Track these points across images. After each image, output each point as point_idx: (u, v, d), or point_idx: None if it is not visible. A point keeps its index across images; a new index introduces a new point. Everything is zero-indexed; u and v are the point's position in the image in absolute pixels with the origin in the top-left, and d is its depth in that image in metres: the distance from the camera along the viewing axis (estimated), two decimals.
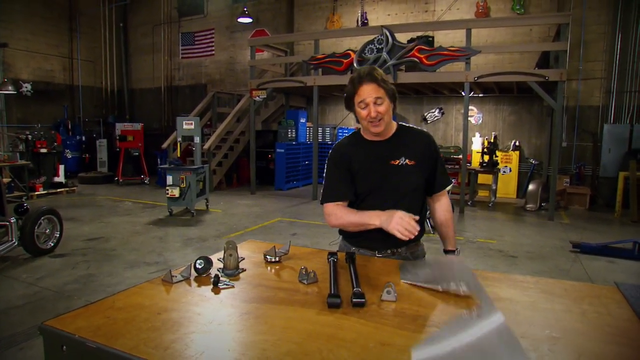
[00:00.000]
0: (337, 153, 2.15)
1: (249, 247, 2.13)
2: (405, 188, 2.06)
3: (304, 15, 13.21)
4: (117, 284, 4.59)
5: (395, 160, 2.05)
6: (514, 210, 9.27)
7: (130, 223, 7.54)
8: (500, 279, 1.71)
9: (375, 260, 1.95)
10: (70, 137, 13.62)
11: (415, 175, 2.06)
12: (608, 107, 9.92)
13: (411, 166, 2.05)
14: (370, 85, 1.93)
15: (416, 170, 2.06)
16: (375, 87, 1.93)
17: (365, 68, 2.01)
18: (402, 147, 2.07)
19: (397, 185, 2.05)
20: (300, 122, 12.19)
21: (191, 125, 8.43)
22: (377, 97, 1.93)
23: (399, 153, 2.05)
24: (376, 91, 1.93)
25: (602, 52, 9.92)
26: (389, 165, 2.05)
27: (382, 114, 1.95)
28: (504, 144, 10.94)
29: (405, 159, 2.05)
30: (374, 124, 1.97)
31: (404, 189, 2.05)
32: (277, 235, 6.76)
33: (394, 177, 2.05)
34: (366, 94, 1.93)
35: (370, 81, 1.94)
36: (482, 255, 5.86)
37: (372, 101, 1.93)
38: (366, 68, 2.00)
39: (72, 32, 14.57)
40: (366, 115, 1.95)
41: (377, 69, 1.99)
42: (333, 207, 2.07)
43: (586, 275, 5.04)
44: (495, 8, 10.90)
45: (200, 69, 14.98)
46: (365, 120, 1.97)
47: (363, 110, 1.96)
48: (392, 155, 2.05)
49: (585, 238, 6.64)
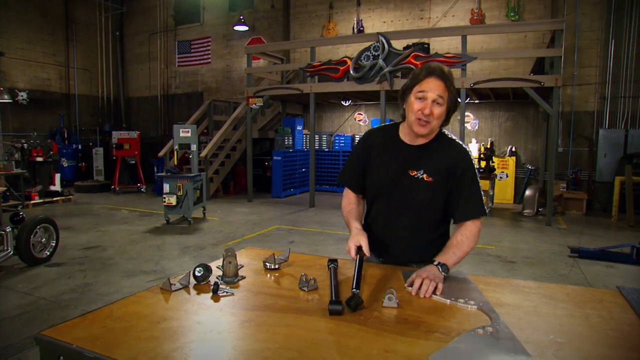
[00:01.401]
0: (365, 140, 2.07)
1: (248, 255, 2.11)
2: (413, 204, 1.92)
3: (300, 23, 13.26)
4: (114, 293, 4.55)
5: (414, 171, 1.89)
6: (511, 216, 9.28)
7: (127, 231, 7.50)
8: (501, 285, 1.70)
9: (376, 266, 1.93)
10: (66, 145, 13.59)
11: (429, 194, 1.88)
12: (603, 112, 9.98)
13: (428, 183, 1.87)
14: (439, 81, 1.79)
15: (432, 188, 1.87)
16: (443, 87, 1.79)
17: (435, 64, 1.86)
18: (426, 159, 1.89)
19: (406, 199, 1.92)
20: (297, 130, 12.20)
21: (188, 133, 8.42)
22: (440, 96, 1.78)
23: (421, 164, 1.89)
24: (442, 90, 1.79)
25: (597, 57, 10.00)
26: (406, 174, 1.90)
27: (435, 117, 1.80)
28: (501, 150, 10.97)
29: (424, 172, 1.87)
30: (421, 123, 1.80)
31: (411, 205, 1.92)
32: (274, 243, 6.73)
33: (405, 188, 1.91)
34: (431, 87, 1.78)
35: (440, 78, 1.79)
36: (480, 261, 5.85)
37: (433, 98, 1.78)
38: (436, 64, 1.85)
39: (68, 41, 14.60)
40: (419, 109, 1.79)
41: (449, 70, 1.84)
42: (347, 192, 2.12)
43: (585, 280, 5.04)
44: (490, 15, 10.97)
45: (197, 77, 15.00)
46: (416, 114, 1.80)
47: (419, 102, 1.80)
48: (414, 164, 1.89)
49: (583, 243, 6.65)
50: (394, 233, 1.98)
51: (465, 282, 1.67)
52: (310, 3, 13.02)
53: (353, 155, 2.11)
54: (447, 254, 1.81)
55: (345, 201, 2.09)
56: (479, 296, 1.54)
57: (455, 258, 1.80)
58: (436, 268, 1.71)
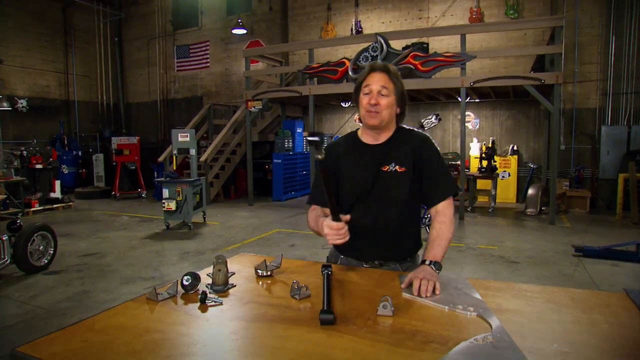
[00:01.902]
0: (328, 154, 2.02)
1: (240, 261, 2.04)
2: (392, 197, 1.91)
3: (299, 26, 13.22)
4: (112, 301, 4.48)
5: (386, 166, 1.91)
6: (514, 215, 9.19)
7: (126, 238, 7.44)
8: (502, 289, 1.62)
9: (372, 271, 1.86)
10: (66, 152, 13.56)
11: (405, 184, 1.90)
12: (605, 109, 9.89)
13: (401, 173, 1.90)
14: (380, 74, 1.89)
15: (407, 178, 1.90)
16: (385, 78, 1.88)
17: (378, 62, 1.96)
18: (394, 152, 1.93)
19: (384, 194, 1.91)
20: (296, 132, 12.14)
21: (186, 138, 8.36)
22: (384, 87, 1.87)
23: (390, 158, 1.91)
24: (385, 81, 1.88)
25: (597, 54, 9.91)
26: (380, 171, 1.91)
27: (382, 106, 1.86)
28: (502, 149, 10.88)
29: (396, 164, 1.90)
30: (370, 114, 1.87)
31: (391, 199, 1.91)
32: (275, 247, 6.66)
33: (382, 185, 1.91)
34: (374, 80, 1.88)
35: (382, 71, 1.90)
36: (483, 261, 5.77)
37: (377, 89, 1.86)
38: (379, 62, 1.96)
39: (67, 48, 14.58)
40: (366, 102, 1.87)
41: (393, 66, 1.95)
42: (310, 209, 2.06)
43: (590, 279, 4.95)
44: (489, 13, 10.90)
45: (196, 82, 14.96)
46: (365, 107, 1.88)
47: (366, 96, 1.89)
48: (384, 160, 1.92)
49: (587, 241, 6.55)
50: (379, 233, 1.94)
51: (464, 287, 1.60)
52: (308, 5, 12.98)
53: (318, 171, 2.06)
54: (433, 248, 1.79)
55: (312, 215, 2.02)
56: (479, 302, 1.46)
57: (441, 250, 1.80)
58: (429, 267, 1.70)
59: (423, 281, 1.55)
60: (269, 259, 1.89)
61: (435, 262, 1.72)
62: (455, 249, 6.31)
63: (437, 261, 1.73)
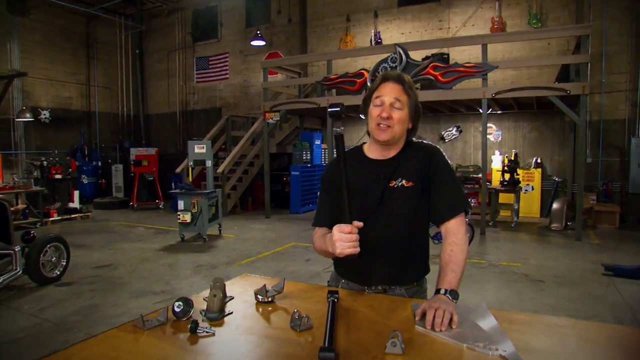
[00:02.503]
0: (329, 172, 1.92)
1: (242, 283, 1.89)
2: (398, 214, 1.74)
3: (318, 37, 13.17)
4: (121, 315, 4.38)
5: (393, 181, 1.75)
6: (538, 231, 8.85)
7: (140, 250, 7.38)
8: (530, 322, 1.43)
9: (382, 298, 1.68)
10: (86, 162, 13.69)
11: (412, 199, 1.74)
12: (635, 120, 9.52)
13: (408, 188, 1.74)
14: (394, 85, 1.74)
15: (414, 193, 1.74)
16: (399, 89, 1.74)
17: (393, 71, 1.81)
18: (401, 166, 1.77)
19: (390, 211, 1.75)
20: (315, 144, 12.01)
21: (203, 149, 8.32)
22: (397, 99, 1.72)
23: (398, 173, 1.76)
24: (399, 93, 1.73)
25: (626, 63, 9.58)
26: (388, 187, 1.76)
27: (394, 121, 1.71)
28: (525, 162, 10.56)
29: (402, 179, 1.75)
30: (381, 128, 1.71)
31: (397, 216, 1.74)
32: (290, 262, 6.50)
33: (390, 202, 1.75)
34: (386, 91, 1.73)
35: (396, 81, 1.75)
36: (506, 280, 5.51)
37: (390, 102, 1.72)
38: (394, 71, 1.80)
39: (89, 60, 14.86)
40: (377, 115, 1.72)
41: (408, 77, 1.79)
42: (315, 232, 1.89)
43: (624, 302, 4.65)
44: (512, 23, 10.67)
45: (215, 93, 15.03)
46: (375, 120, 1.73)
47: (377, 108, 1.74)
48: (392, 175, 1.76)
49: (617, 259, 6.22)
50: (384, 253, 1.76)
51: (484, 320, 1.41)
52: (328, 16, 12.93)
53: (322, 192, 1.96)
54: (447, 275, 1.62)
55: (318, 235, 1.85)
56: (502, 338, 1.28)
57: (457, 276, 1.62)
58: (445, 297, 1.52)
59: (438, 312, 1.37)
60: (271, 282, 1.74)
61: (452, 290, 1.54)
62: (476, 265, 6.06)
63: (453, 289, 1.55)
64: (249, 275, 2.01)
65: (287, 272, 5.92)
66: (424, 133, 11.70)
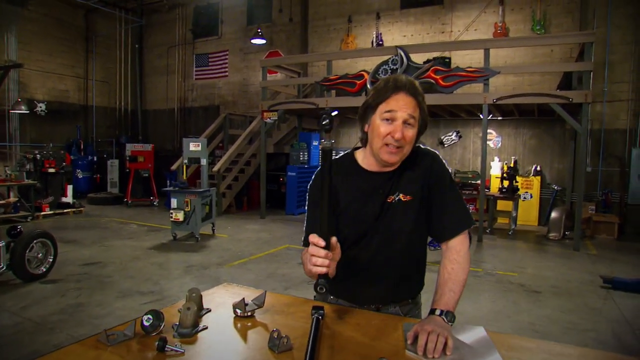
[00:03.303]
0: (318, 185, 1.63)
1: (221, 294, 1.77)
2: (395, 231, 1.58)
3: (319, 37, 13.05)
4: (106, 316, 4.26)
5: (391, 196, 1.58)
6: (535, 239, 8.74)
7: (131, 247, 7.25)
8: (531, 350, 1.30)
9: (371, 316, 1.55)
10: (82, 157, 13.54)
11: (411, 214, 1.57)
12: (636, 130, 9.41)
13: (406, 203, 1.57)
14: (408, 98, 1.48)
15: (413, 207, 1.57)
16: (414, 104, 1.48)
17: (403, 76, 1.52)
18: (399, 179, 1.59)
19: (387, 228, 1.58)
20: (312, 145, 11.89)
21: (198, 147, 8.18)
22: (412, 116, 1.47)
23: (395, 186, 1.58)
24: (413, 109, 1.48)
25: (629, 72, 9.46)
26: (386, 203, 1.58)
27: (407, 141, 1.48)
28: (525, 169, 10.44)
29: (400, 193, 1.57)
30: (391, 150, 1.48)
31: (394, 233, 1.58)
32: (282, 265, 6.38)
33: (388, 219, 1.58)
34: (401, 105, 1.47)
35: (411, 93, 1.48)
36: (502, 290, 5.39)
37: (404, 118, 1.47)
38: (404, 76, 1.52)
39: (87, 53, 14.72)
40: (387, 134, 1.47)
41: (418, 83, 1.54)
42: (304, 253, 1.58)
43: (622, 316, 4.53)
44: (515, 29, 10.56)
45: (214, 91, 14.89)
46: (384, 139, 1.48)
47: (386, 124, 1.48)
48: (390, 189, 1.58)
49: (616, 271, 6.11)
50: (378, 272, 1.62)
51: (482, 346, 1.29)
52: (329, 16, 12.82)
53: (311, 207, 1.71)
54: (445, 294, 1.46)
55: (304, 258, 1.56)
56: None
57: (455, 297, 1.47)
58: (440, 319, 1.38)
59: (431, 337, 1.23)
60: (254, 293, 1.62)
61: (448, 312, 1.40)
62: (473, 274, 5.93)
63: (450, 311, 1.40)
64: (230, 284, 1.89)
65: (279, 275, 5.80)
66: (423, 137, 11.45)
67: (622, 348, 3.82)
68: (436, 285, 1.52)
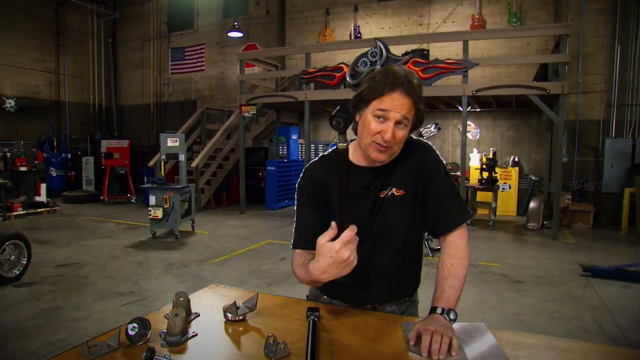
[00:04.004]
0: (308, 181, 1.57)
1: (209, 296, 1.69)
2: (390, 228, 1.53)
3: (296, 30, 12.92)
4: (84, 319, 4.12)
5: (383, 191, 1.52)
6: (515, 229, 8.86)
7: (109, 246, 7.06)
8: (536, 347, 1.26)
9: (369, 316, 1.50)
10: (55, 154, 13.16)
11: (405, 209, 1.52)
12: (609, 121, 9.60)
13: (400, 197, 1.51)
14: (404, 99, 1.38)
15: (407, 202, 1.52)
16: (409, 105, 1.40)
17: (401, 70, 1.42)
18: (391, 173, 1.53)
19: (381, 226, 1.52)
20: (291, 139, 11.79)
21: (176, 143, 8.00)
22: (405, 117, 1.40)
23: (387, 181, 1.52)
24: (408, 109, 1.40)
25: (602, 65, 9.63)
26: (378, 198, 1.52)
27: (396, 142, 1.42)
28: (503, 160, 10.57)
29: (392, 188, 1.51)
30: (379, 148, 1.42)
31: (388, 229, 1.53)
32: (264, 260, 6.29)
33: (382, 215, 1.52)
34: (395, 105, 1.38)
35: (408, 93, 1.39)
36: (485, 281, 5.42)
37: (396, 119, 1.39)
38: (403, 70, 1.42)
39: (58, 47, 14.23)
40: (377, 132, 1.40)
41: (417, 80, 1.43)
42: (296, 255, 1.51)
43: (602, 303, 4.60)
44: (491, 21, 10.63)
45: (190, 85, 14.63)
46: (372, 137, 1.41)
47: (377, 121, 1.40)
48: (382, 184, 1.53)
49: (594, 259, 6.24)
50: (374, 271, 1.56)
51: (486, 344, 1.25)
52: (307, 9, 12.69)
53: (302, 206, 1.58)
54: (445, 291, 1.41)
55: (299, 261, 1.45)
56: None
57: (456, 293, 1.42)
58: (442, 317, 1.32)
59: (435, 337, 1.18)
60: (245, 296, 1.55)
61: (449, 309, 1.35)
62: None
63: (451, 308, 1.36)
64: (218, 286, 1.81)
65: (261, 272, 5.72)
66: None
67: (604, 335, 3.87)
68: (436, 281, 1.47)
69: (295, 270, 1.46)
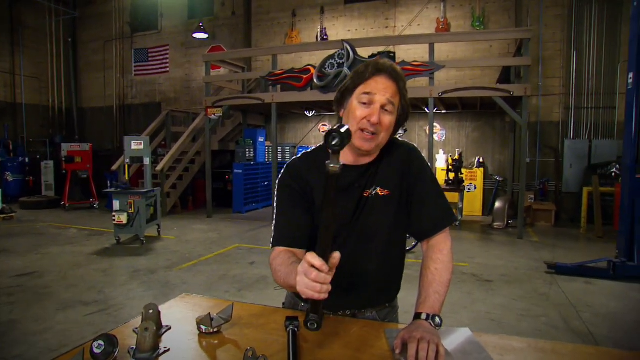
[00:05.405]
0: (291, 177, 1.52)
1: (181, 307, 1.61)
2: (373, 229, 1.49)
3: (262, 32, 12.82)
4: (44, 332, 3.92)
5: (367, 190, 1.49)
6: (481, 229, 9.03)
7: (71, 254, 6.79)
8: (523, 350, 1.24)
9: (350, 324, 1.45)
10: (11, 158, 12.61)
11: (389, 210, 1.49)
12: (568, 122, 9.94)
13: (384, 197, 1.47)
14: (389, 82, 1.40)
15: (391, 203, 1.48)
16: (394, 88, 1.40)
17: (386, 60, 1.43)
18: (376, 172, 1.50)
19: (363, 226, 1.48)
20: (258, 141, 11.68)
21: (140, 146, 7.79)
22: (390, 101, 1.39)
23: (372, 180, 1.49)
24: (393, 93, 1.40)
25: (560, 69, 9.98)
26: (362, 197, 1.48)
27: (383, 127, 1.40)
28: (468, 161, 10.78)
29: (377, 187, 1.48)
30: (366, 136, 1.39)
31: (371, 231, 1.49)
32: (234, 265, 6.18)
33: (362, 215, 1.48)
34: (380, 88, 1.38)
35: (391, 77, 1.40)
36: (455, 281, 5.48)
37: (382, 102, 1.38)
38: (387, 60, 1.44)
39: (14, 46, 13.63)
40: (363, 117, 1.38)
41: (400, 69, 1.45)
42: (275, 254, 1.43)
43: (566, 299, 4.73)
44: (456, 25, 10.84)
45: (154, 87, 14.29)
46: (359, 123, 1.38)
47: (363, 107, 1.39)
48: (367, 183, 1.49)
49: (557, 257, 6.42)
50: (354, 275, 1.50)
51: (473, 350, 1.23)
52: (273, 10, 12.61)
53: (283, 203, 1.51)
54: (430, 296, 1.37)
55: (279, 261, 1.38)
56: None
57: (440, 299, 1.38)
58: (427, 323, 1.29)
59: (422, 345, 1.15)
60: (219, 305, 1.48)
61: (434, 315, 1.31)
62: None
63: (436, 314, 1.32)
64: (190, 295, 1.73)
65: (230, 277, 5.61)
66: None
67: (570, 331, 3.96)
68: (420, 286, 1.44)
69: (274, 270, 1.39)
